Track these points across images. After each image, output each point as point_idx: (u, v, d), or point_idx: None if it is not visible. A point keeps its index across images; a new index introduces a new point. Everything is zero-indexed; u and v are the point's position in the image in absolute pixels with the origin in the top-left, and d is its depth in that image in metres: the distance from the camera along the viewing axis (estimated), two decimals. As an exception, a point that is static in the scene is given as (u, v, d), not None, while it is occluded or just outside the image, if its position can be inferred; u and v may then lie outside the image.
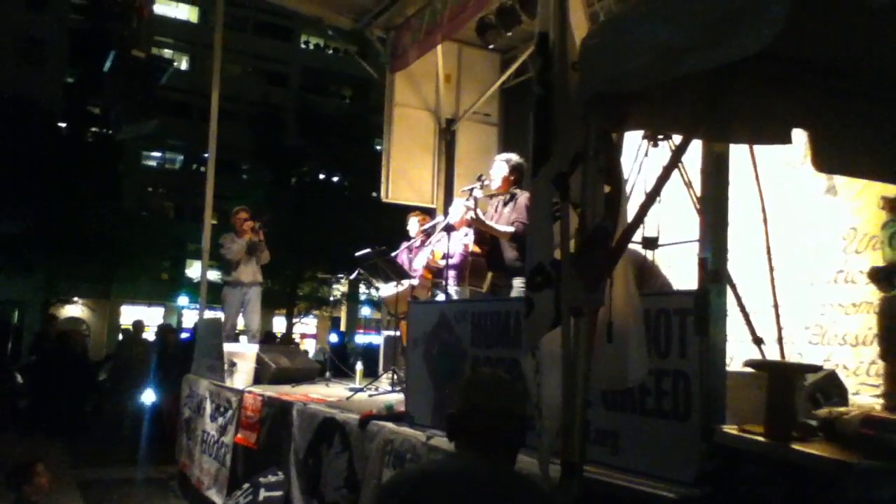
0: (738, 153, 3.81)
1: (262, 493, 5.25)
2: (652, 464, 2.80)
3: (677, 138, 3.62)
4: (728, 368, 2.77)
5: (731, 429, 2.30)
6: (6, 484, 4.50)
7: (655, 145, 3.79)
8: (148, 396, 11.40)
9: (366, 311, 32.18)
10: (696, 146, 2.77)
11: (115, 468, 9.23)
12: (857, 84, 2.64)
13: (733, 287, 3.32)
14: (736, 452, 2.20)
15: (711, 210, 2.68)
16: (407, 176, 9.50)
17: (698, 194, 3.74)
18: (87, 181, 22.69)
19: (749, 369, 2.78)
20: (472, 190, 5.74)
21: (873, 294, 5.25)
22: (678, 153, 2.38)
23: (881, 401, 4.84)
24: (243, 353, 7.31)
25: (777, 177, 5.69)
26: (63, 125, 25.67)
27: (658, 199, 2.57)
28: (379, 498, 1.84)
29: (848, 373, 5.20)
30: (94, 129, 25.84)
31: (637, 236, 4.19)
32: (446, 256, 5.97)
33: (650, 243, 3.99)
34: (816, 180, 6.08)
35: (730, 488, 2.22)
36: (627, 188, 3.20)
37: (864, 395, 5.01)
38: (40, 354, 12.12)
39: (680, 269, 5.81)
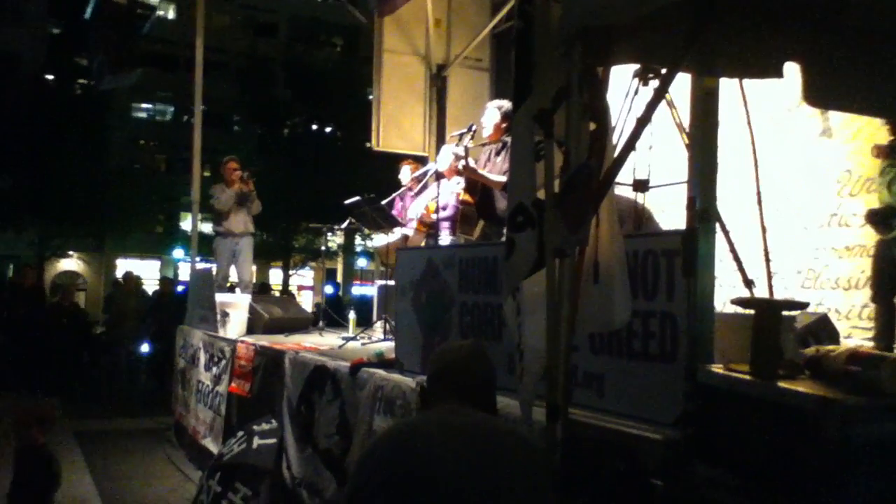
0: (731, 94, 3.73)
1: (256, 441, 5.28)
2: (638, 406, 2.78)
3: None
4: (717, 311, 2.74)
5: (715, 368, 2.27)
6: (14, 431, 4.43)
7: (646, 84, 3.71)
8: (144, 348, 11.46)
9: (362, 263, 32.18)
10: (688, 86, 2.69)
11: (113, 420, 9.31)
12: (850, 17, 2.55)
13: (725, 230, 3.27)
14: (719, 392, 2.18)
15: (700, 148, 2.61)
16: (398, 124, 9.34)
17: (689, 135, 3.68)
18: (76, 135, 22.42)
19: (740, 311, 2.75)
20: (461, 135, 5.65)
21: (867, 237, 5.23)
22: (662, 88, 2.31)
23: (872, 344, 4.85)
24: (236, 303, 7.30)
25: (771, 119, 5.61)
26: (50, 77, 25.25)
27: (649, 143, 2.52)
28: (369, 452, 1.81)
29: (840, 316, 5.20)
30: (81, 80, 25.41)
31: (629, 179, 4.15)
32: (439, 208, 5.91)
33: (641, 185, 3.95)
34: (811, 122, 6.00)
35: (712, 429, 2.20)
36: (618, 130, 3.13)
37: (856, 338, 5.01)
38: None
39: (672, 213, 5.78)
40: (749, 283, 3.34)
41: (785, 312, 2.49)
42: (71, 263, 30.12)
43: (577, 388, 2.99)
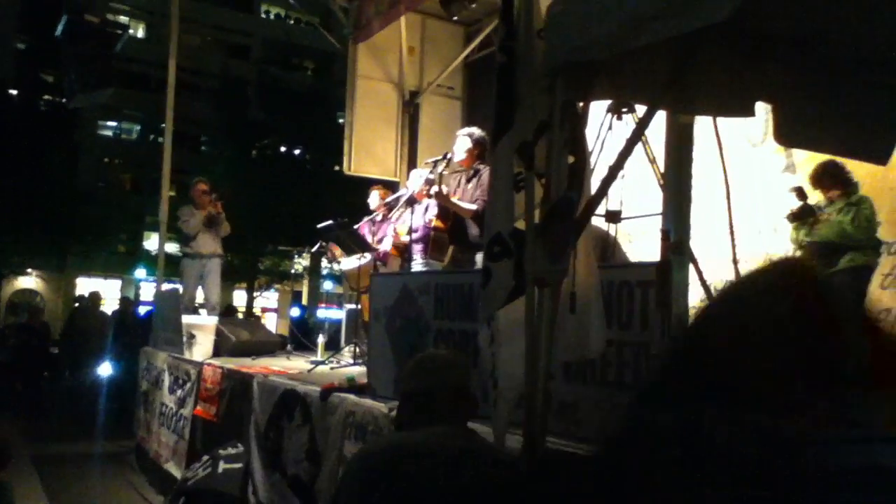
0: (700, 129, 3.84)
1: (222, 466, 5.20)
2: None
3: (641, 112, 3.63)
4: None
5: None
6: None
7: (619, 118, 3.80)
8: (105, 370, 11.23)
9: (328, 286, 32.00)
10: (661, 122, 2.77)
11: (71, 444, 9.09)
12: (820, 58, 2.65)
13: (694, 262, 3.35)
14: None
15: (675, 181, 2.68)
16: (370, 149, 9.40)
17: (662, 171, 3.76)
18: (40, 152, 22.07)
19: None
20: (435, 162, 5.71)
21: (828, 271, 5.37)
22: (642, 125, 2.37)
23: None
24: (202, 325, 7.22)
25: (737, 155, 5.75)
26: (14, 93, 24.86)
27: (622, 173, 2.57)
28: (349, 471, 1.82)
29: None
30: (47, 97, 25.08)
31: (600, 210, 4.22)
32: (411, 231, 5.94)
33: (613, 217, 4.02)
34: (776, 158, 6.18)
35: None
36: (591, 161, 3.20)
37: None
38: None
39: (641, 244, 5.88)
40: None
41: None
42: (29, 281, 29.48)
43: (550, 417, 3.02)
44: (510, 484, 1.77)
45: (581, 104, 2.54)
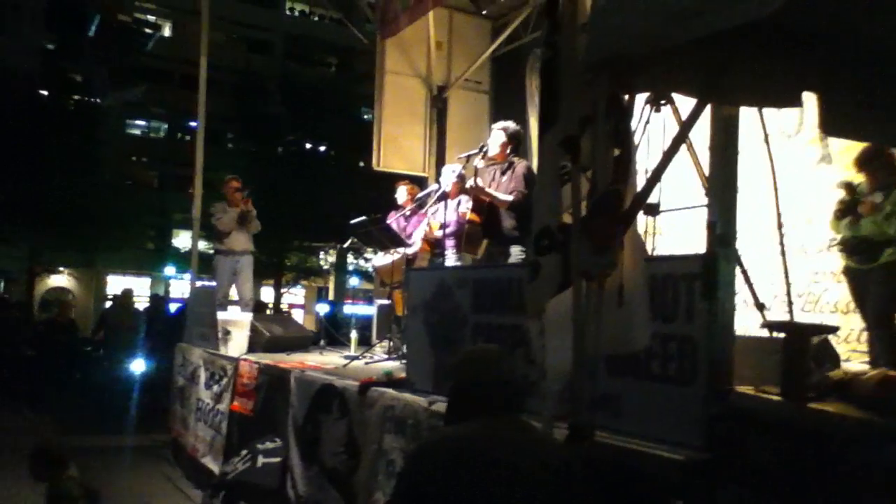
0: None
1: (261, 459, 5.27)
2: (654, 428, 2.82)
3: (679, 104, 3.62)
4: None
5: (747, 389, 2.31)
6: (32, 473, 4.25)
7: (658, 111, 3.79)
8: (138, 365, 11.39)
9: (353, 282, 32.14)
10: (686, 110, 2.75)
11: (107, 437, 9.23)
12: (862, 48, 2.63)
13: (736, 254, 3.33)
14: (747, 414, 2.22)
15: (720, 174, 2.67)
16: (398, 144, 9.44)
17: (698, 159, 3.75)
18: (69, 150, 22.35)
19: (751, 334, 2.81)
20: (469, 156, 5.73)
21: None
22: (692, 119, 2.37)
23: (869, 367, 4.91)
24: (237, 322, 7.30)
25: (771, 146, 5.71)
26: (44, 93, 25.18)
27: (645, 167, 2.58)
28: (412, 465, 1.86)
29: (839, 340, 5.26)
30: (75, 96, 25.36)
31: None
32: (444, 226, 5.96)
33: (651, 209, 4.00)
34: (811, 150, 6.11)
35: (741, 450, 2.24)
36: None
37: (855, 361, 5.07)
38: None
39: (670, 236, 5.85)
40: (761, 307, 3.39)
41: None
42: (61, 279, 29.91)
43: (592, 409, 3.03)
44: (575, 474, 1.79)
45: (626, 97, 2.54)
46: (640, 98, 3.96)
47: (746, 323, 3.50)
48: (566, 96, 2.54)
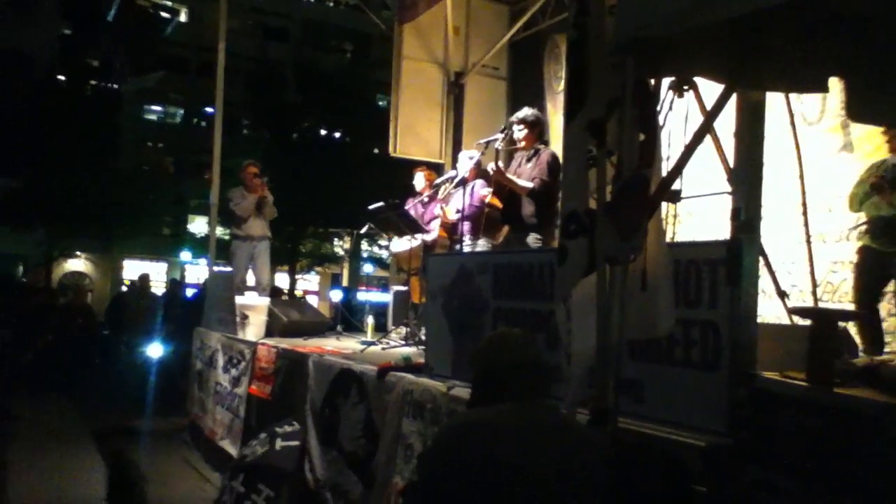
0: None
1: (279, 443, 5.32)
2: (677, 413, 2.82)
3: (702, 89, 3.59)
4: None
5: (772, 375, 2.31)
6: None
7: (681, 96, 3.75)
8: (155, 349, 11.48)
9: (367, 269, 32.23)
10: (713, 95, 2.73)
11: (126, 420, 9.32)
12: (889, 33, 2.60)
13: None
14: (772, 399, 2.22)
15: (746, 160, 2.66)
16: (415, 130, 9.42)
17: (722, 145, 3.72)
18: (86, 135, 22.47)
19: (772, 321, 2.80)
20: (488, 143, 5.72)
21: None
22: (719, 104, 2.35)
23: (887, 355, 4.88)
24: (255, 306, 7.34)
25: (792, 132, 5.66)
26: (61, 78, 25.29)
27: (667, 154, 2.56)
28: (437, 448, 1.87)
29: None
30: (93, 82, 25.46)
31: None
32: (461, 211, 5.97)
33: (673, 196, 3.98)
34: (832, 136, 6.05)
35: (766, 435, 2.24)
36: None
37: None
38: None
39: (689, 222, 5.82)
40: (783, 295, 3.38)
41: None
42: (78, 264, 30.17)
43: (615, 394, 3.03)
44: (604, 458, 1.80)
45: (652, 81, 2.53)
46: (664, 84, 3.95)
47: (765, 312, 3.49)
48: (594, 80, 2.52)
